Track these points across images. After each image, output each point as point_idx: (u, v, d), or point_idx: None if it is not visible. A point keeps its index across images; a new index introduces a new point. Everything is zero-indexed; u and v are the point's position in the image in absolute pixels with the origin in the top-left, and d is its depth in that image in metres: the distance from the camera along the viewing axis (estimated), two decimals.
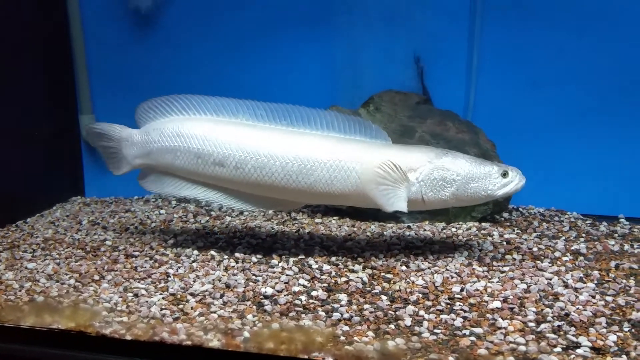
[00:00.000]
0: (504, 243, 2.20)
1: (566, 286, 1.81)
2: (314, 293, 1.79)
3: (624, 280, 1.84)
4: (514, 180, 1.94)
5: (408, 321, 1.61)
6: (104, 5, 2.97)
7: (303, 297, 1.77)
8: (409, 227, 2.43)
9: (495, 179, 1.93)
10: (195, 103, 2.08)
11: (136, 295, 1.81)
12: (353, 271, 1.96)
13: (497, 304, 1.69)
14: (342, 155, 1.91)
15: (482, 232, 2.35)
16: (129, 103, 3.04)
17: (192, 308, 1.70)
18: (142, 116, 2.17)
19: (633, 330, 1.54)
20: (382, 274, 1.93)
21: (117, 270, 2.02)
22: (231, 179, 2.00)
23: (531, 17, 2.60)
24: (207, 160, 2.00)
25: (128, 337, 1.54)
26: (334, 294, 1.79)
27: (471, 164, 1.93)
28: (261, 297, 1.78)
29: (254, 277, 1.92)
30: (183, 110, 2.10)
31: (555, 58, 2.61)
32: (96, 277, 1.97)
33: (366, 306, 1.70)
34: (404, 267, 1.98)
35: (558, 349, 1.45)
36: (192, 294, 1.80)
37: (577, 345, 1.46)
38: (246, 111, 2.05)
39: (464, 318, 1.62)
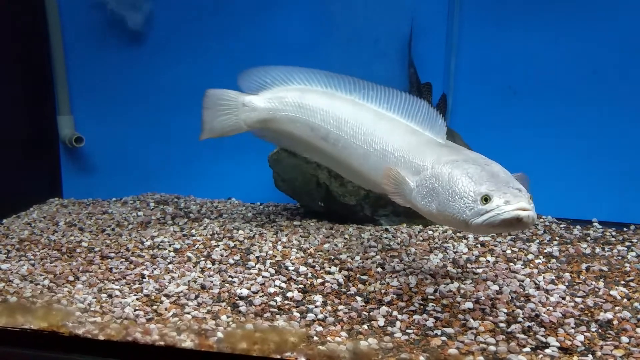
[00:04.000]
0: (479, 246, 2.23)
1: (538, 288, 1.84)
2: (289, 294, 1.80)
3: (594, 282, 1.88)
4: (494, 211, 1.43)
5: (381, 322, 1.62)
6: (83, 6, 2.96)
7: (278, 298, 1.78)
8: (386, 229, 2.45)
9: (470, 203, 1.47)
10: (314, 76, 2.05)
11: (110, 296, 1.81)
12: (329, 273, 1.98)
13: (469, 305, 1.71)
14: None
15: (458, 234, 2.37)
16: (108, 103, 3.07)
17: (166, 309, 1.70)
18: (256, 81, 2.15)
19: (600, 330, 1.57)
20: (358, 275, 1.95)
21: (92, 272, 2.01)
22: (330, 155, 2.00)
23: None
24: (317, 133, 1.99)
25: (101, 337, 1.54)
26: (309, 295, 1.80)
27: (464, 178, 1.52)
28: (236, 298, 1.78)
29: (230, 279, 1.93)
30: (302, 81, 2.07)
31: (532, 67, 2.66)
32: (71, 278, 1.96)
33: (341, 307, 1.71)
34: (379, 269, 2.00)
35: (527, 349, 1.47)
36: (166, 295, 1.80)
37: (546, 346, 1.49)
38: (360, 90, 1.94)
39: (436, 319, 1.64)
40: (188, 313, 1.67)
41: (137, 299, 1.77)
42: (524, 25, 2.62)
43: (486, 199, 1.45)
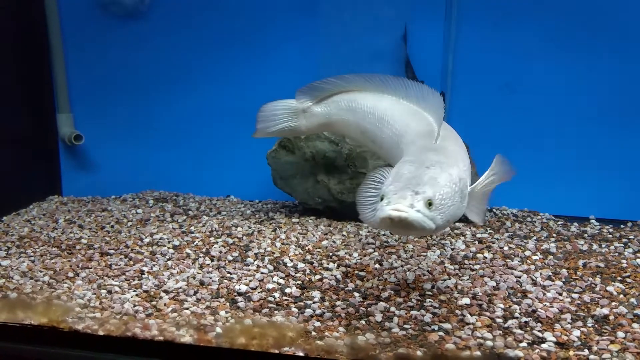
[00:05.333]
0: (476, 242, 2.24)
1: (534, 284, 1.85)
2: (287, 290, 1.81)
3: (591, 278, 1.89)
4: (378, 209, 1.44)
5: (379, 317, 1.63)
6: (83, 4, 2.96)
7: (277, 294, 1.79)
8: None
9: (378, 200, 1.49)
10: (364, 79, 2.08)
11: (110, 292, 1.82)
12: (327, 269, 1.99)
13: (466, 300, 1.73)
14: None
15: (455, 231, 2.38)
16: (107, 101, 3.08)
17: (165, 305, 1.72)
18: (313, 90, 2.22)
19: (596, 325, 1.58)
20: (356, 271, 1.96)
21: (91, 268, 2.02)
22: (380, 156, 2.07)
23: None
24: (367, 136, 2.03)
25: (101, 333, 1.55)
26: (308, 291, 1.81)
27: (388, 178, 1.53)
28: (235, 294, 1.79)
29: (228, 275, 1.94)
30: (356, 85, 2.10)
31: (527, 66, 2.67)
32: (70, 275, 1.97)
33: (339, 303, 1.73)
34: (377, 266, 2.01)
35: (524, 344, 1.48)
36: (165, 291, 1.81)
37: (542, 341, 1.50)
38: (408, 93, 1.92)
39: (434, 314, 1.65)
40: (187, 309, 1.68)
41: (137, 295, 1.78)
42: (521, 23, 2.63)
43: (382, 198, 1.45)
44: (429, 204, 1.40)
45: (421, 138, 1.73)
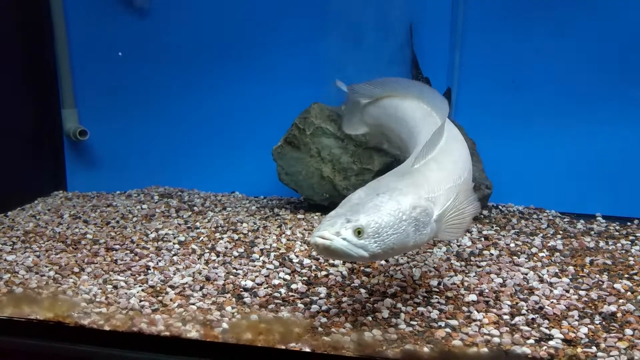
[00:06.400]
0: (482, 239, 2.24)
1: (541, 281, 1.84)
2: (293, 286, 1.81)
3: (598, 276, 1.88)
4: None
5: (385, 313, 1.63)
6: None
7: (283, 290, 1.79)
8: None
9: None
10: (411, 84, 2.12)
11: (115, 287, 1.82)
12: (333, 265, 1.98)
13: (473, 297, 1.72)
14: None
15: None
16: (112, 97, 3.08)
17: (171, 300, 1.71)
18: (370, 89, 2.22)
19: (604, 322, 1.58)
20: (362, 268, 1.95)
21: (97, 263, 2.02)
22: None
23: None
24: (408, 145, 2.01)
25: (106, 328, 1.55)
26: (314, 287, 1.81)
27: (342, 202, 1.57)
28: (241, 289, 1.79)
29: (234, 271, 1.94)
30: (400, 90, 2.10)
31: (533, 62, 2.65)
32: (76, 270, 1.97)
33: (345, 299, 1.72)
34: (383, 262, 2.00)
35: (531, 341, 1.48)
36: (171, 287, 1.81)
37: (550, 338, 1.50)
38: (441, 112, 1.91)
39: (440, 310, 1.64)
40: (193, 304, 1.68)
41: (143, 290, 1.78)
42: (528, 18, 2.62)
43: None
44: (358, 232, 1.40)
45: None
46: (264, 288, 1.80)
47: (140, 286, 1.81)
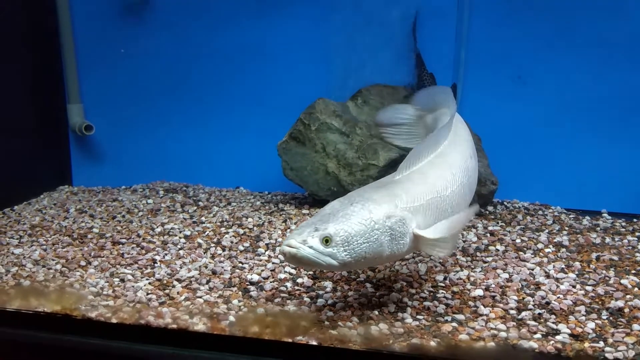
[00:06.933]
0: (488, 235, 2.23)
1: (548, 276, 1.84)
2: (299, 280, 1.81)
3: (604, 271, 1.88)
4: None
5: (392, 307, 1.63)
6: None
7: (289, 284, 1.79)
8: None
9: None
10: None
11: (122, 280, 1.82)
12: None
13: (479, 292, 1.72)
14: None
15: (467, 224, 2.37)
16: (117, 92, 3.08)
17: (178, 293, 1.72)
18: (429, 100, 2.18)
19: (611, 318, 1.57)
20: None
21: (103, 257, 2.03)
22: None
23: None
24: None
25: (114, 321, 1.55)
26: (319, 282, 1.81)
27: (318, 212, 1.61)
28: (247, 283, 1.79)
29: (240, 265, 1.94)
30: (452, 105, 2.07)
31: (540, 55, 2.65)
32: (83, 263, 1.98)
33: (350, 293, 1.72)
34: None
35: (538, 336, 1.48)
36: (178, 280, 1.81)
37: (557, 332, 1.49)
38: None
39: (447, 305, 1.65)
40: (200, 297, 1.68)
41: (150, 283, 1.79)
42: (534, 14, 2.61)
43: None
44: (326, 240, 1.41)
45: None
46: (270, 282, 1.80)
47: (147, 279, 1.82)
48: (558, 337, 1.47)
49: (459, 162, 1.79)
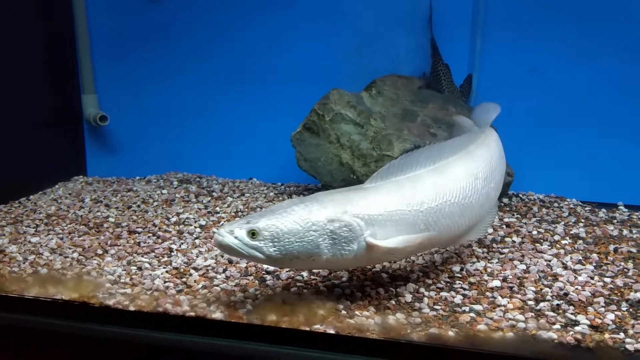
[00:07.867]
0: (504, 226, 2.22)
1: (565, 267, 1.83)
2: (315, 270, 1.81)
3: (623, 263, 1.86)
4: None
5: (408, 297, 1.63)
6: None
7: (305, 274, 1.79)
8: None
9: None
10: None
11: (140, 268, 1.83)
12: None
13: (496, 283, 1.71)
14: None
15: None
16: (132, 83, 3.09)
17: (195, 281, 1.72)
18: (480, 113, 2.24)
19: (631, 309, 1.56)
20: None
21: (120, 245, 2.04)
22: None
23: None
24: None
25: (132, 308, 1.56)
26: (335, 271, 1.81)
27: None
28: (263, 272, 1.80)
29: None
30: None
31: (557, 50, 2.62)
32: (99, 252, 1.99)
33: (367, 283, 1.72)
34: None
35: (557, 326, 1.47)
36: (195, 268, 1.82)
37: (576, 323, 1.48)
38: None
39: (464, 296, 1.64)
40: (217, 285, 1.69)
41: (167, 272, 1.79)
42: (551, 4, 2.58)
43: None
44: (252, 233, 1.44)
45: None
46: (286, 271, 1.80)
47: (164, 268, 1.83)
48: (577, 328, 1.46)
49: (458, 181, 1.70)
